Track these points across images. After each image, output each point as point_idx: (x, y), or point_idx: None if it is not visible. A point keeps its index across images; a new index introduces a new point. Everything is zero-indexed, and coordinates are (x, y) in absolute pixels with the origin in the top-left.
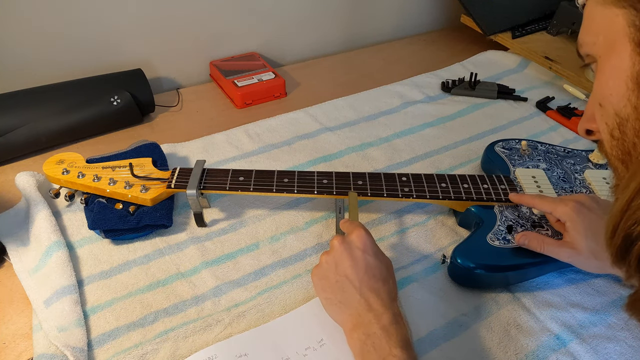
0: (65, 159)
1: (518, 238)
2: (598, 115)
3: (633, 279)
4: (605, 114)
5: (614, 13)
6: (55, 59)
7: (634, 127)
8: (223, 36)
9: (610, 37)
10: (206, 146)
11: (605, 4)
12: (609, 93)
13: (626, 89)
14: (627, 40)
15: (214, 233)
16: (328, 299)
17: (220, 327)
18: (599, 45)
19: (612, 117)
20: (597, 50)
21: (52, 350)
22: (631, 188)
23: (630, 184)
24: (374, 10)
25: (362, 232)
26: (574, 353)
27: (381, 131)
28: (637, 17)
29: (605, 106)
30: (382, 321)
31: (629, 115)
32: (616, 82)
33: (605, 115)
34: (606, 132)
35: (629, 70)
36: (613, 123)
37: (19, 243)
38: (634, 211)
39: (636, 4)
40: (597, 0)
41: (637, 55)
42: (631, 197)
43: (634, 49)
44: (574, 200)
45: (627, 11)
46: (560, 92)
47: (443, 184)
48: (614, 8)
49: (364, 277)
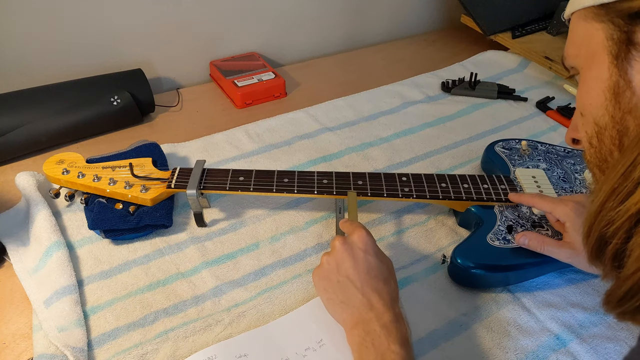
0: (65, 159)
1: (518, 238)
2: (580, 124)
3: (609, 277)
4: (585, 123)
5: (595, 27)
6: (56, 59)
7: (611, 135)
8: (223, 36)
9: (591, 49)
10: (206, 146)
11: (587, 19)
12: (589, 102)
13: (604, 99)
14: (606, 53)
15: (214, 233)
16: (330, 299)
17: (220, 327)
18: (581, 57)
19: (591, 125)
20: (579, 62)
21: (52, 350)
22: (604, 190)
23: (604, 187)
24: (374, 10)
25: (363, 233)
26: (574, 353)
27: (381, 131)
28: (615, 31)
29: (586, 115)
30: (382, 320)
31: (607, 124)
32: (595, 92)
33: (586, 123)
34: (586, 141)
35: (607, 81)
36: (592, 131)
37: (19, 243)
38: (607, 212)
39: (614, 19)
40: (580, 16)
41: (614, 67)
42: (604, 199)
43: (612, 61)
44: (574, 200)
45: (606, 25)
46: (560, 92)
47: (443, 184)
48: (595, 23)
49: (365, 277)
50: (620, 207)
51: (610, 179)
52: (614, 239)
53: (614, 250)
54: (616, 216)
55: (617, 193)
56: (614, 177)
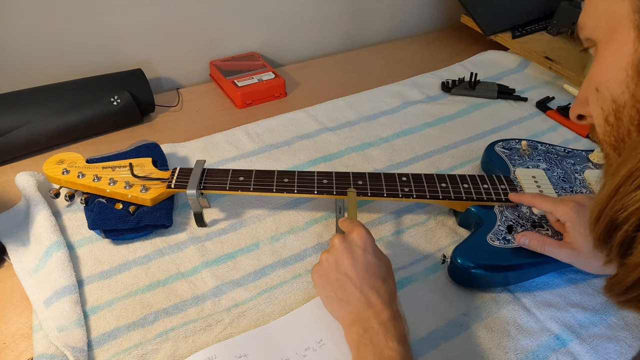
0: (65, 159)
1: (518, 238)
2: (593, 99)
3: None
4: (601, 99)
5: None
6: (56, 59)
7: (630, 115)
8: (223, 36)
9: (613, 22)
10: (206, 146)
11: None
12: (607, 79)
13: (625, 76)
14: (632, 27)
15: (214, 233)
16: (329, 297)
17: (220, 327)
18: (601, 29)
19: (608, 102)
20: (597, 34)
21: (52, 350)
22: (620, 174)
23: (620, 171)
24: (374, 10)
25: (362, 231)
26: (574, 353)
27: (381, 131)
28: None
29: (602, 92)
30: (380, 317)
31: (626, 102)
32: (616, 68)
33: (602, 100)
34: (601, 118)
35: (630, 57)
36: (609, 109)
37: (19, 243)
38: (621, 197)
39: None
40: None
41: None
42: (619, 183)
43: (638, 35)
44: (575, 201)
45: None
46: (560, 92)
47: (443, 184)
48: None
49: (364, 276)
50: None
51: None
52: (625, 226)
53: (624, 236)
54: (630, 202)
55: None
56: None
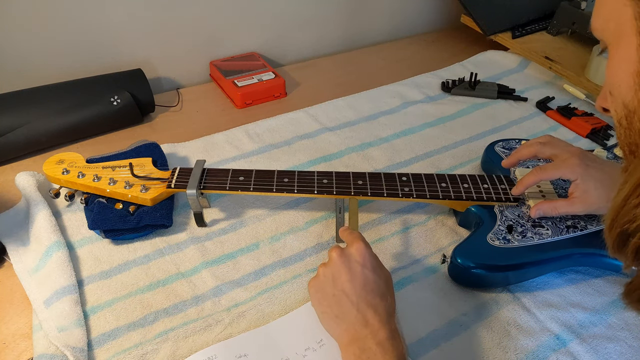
0: (65, 159)
1: (532, 213)
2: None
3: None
4: (614, 102)
5: (623, 2)
6: (55, 58)
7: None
8: (223, 36)
9: (620, 26)
10: (206, 146)
11: None
12: (618, 83)
13: (633, 83)
14: (634, 33)
15: (214, 233)
16: (324, 313)
17: (220, 327)
18: (609, 32)
19: (620, 106)
20: (607, 37)
21: (52, 350)
22: (629, 184)
23: (630, 180)
24: (374, 10)
25: (361, 246)
26: (574, 353)
27: (381, 131)
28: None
29: (615, 95)
30: (378, 337)
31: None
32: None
33: (615, 103)
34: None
35: (636, 64)
36: (621, 112)
37: (19, 243)
38: (630, 209)
39: None
40: None
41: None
42: (628, 194)
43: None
44: (574, 155)
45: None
46: (560, 92)
47: (443, 184)
48: None
49: (361, 293)
50: None
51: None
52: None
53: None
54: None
55: None
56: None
